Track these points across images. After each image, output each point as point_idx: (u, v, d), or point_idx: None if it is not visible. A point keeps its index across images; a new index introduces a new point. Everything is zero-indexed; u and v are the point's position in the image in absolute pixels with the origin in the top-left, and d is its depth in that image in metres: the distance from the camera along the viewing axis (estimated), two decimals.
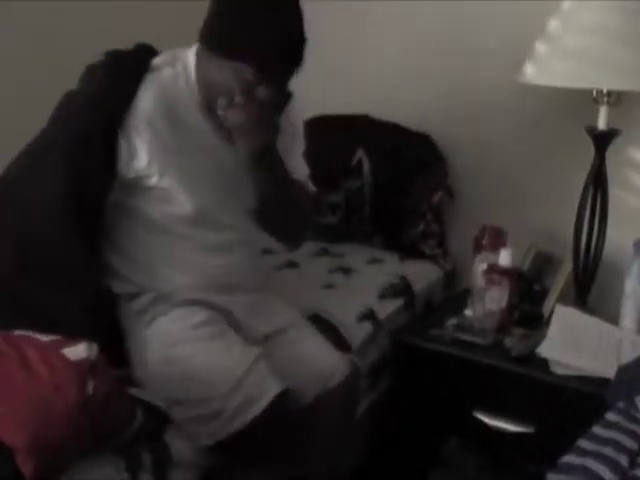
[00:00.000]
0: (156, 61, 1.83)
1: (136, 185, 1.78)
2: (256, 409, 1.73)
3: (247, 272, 1.97)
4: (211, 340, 1.82)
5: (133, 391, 1.68)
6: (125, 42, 1.86)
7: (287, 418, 1.82)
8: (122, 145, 1.74)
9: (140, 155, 1.75)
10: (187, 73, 1.81)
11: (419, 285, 2.53)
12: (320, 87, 2.80)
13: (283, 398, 1.78)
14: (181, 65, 1.82)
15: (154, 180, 1.77)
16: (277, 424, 1.78)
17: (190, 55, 1.82)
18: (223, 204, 1.88)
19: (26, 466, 1.36)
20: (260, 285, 2.02)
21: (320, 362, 1.93)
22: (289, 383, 1.86)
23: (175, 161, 1.78)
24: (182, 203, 1.80)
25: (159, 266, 1.86)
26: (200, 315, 1.84)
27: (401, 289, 2.47)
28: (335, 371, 1.92)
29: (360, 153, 2.69)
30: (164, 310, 1.84)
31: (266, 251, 2.56)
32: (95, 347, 1.51)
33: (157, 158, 1.76)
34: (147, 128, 1.75)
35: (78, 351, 1.48)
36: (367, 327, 2.28)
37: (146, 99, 1.76)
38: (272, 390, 1.76)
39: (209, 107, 1.79)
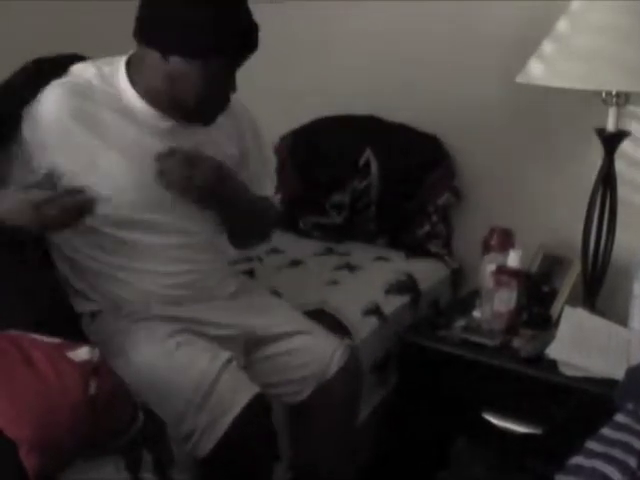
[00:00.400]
0: (75, 66, 1.82)
1: (52, 184, 1.73)
2: (224, 424, 1.69)
3: (212, 278, 1.92)
4: (176, 351, 1.76)
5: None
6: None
7: (270, 420, 1.80)
8: (27, 143, 1.73)
9: (48, 153, 1.73)
10: (115, 78, 1.79)
11: (425, 283, 2.53)
12: (328, 87, 2.81)
13: (259, 401, 1.74)
14: (108, 70, 1.80)
15: (67, 179, 1.73)
16: (259, 428, 1.76)
17: (121, 63, 1.80)
18: (162, 206, 1.82)
19: (29, 460, 1.37)
20: (238, 289, 1.99)
21: (315, 352, 1.92)
22: (285, 376, 1.88)
23: (90, 160, 1.75)
24: (103, 203, 1.73)
25: (109, 280, 1.82)
26: (162, 328, 1.79)
27: (407, 286, 2.47)
28: (331, 360, 1.91)
29: (368, 153, 2.68)
30: (125, 327, 1.79)
31: (273, 250, 2.57)
32: (97, 351, 1.51)
33: (66, 156, 1.74)
34: (54, 127, 1.74)
35: (81, 354, 1.49)
36: (372, 322, 2.28)
37: (52, 99, 1.75)
38: (242, 400, 1.71)
39: (179, 108, 1.77)
